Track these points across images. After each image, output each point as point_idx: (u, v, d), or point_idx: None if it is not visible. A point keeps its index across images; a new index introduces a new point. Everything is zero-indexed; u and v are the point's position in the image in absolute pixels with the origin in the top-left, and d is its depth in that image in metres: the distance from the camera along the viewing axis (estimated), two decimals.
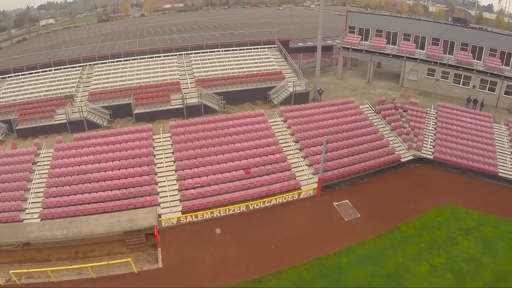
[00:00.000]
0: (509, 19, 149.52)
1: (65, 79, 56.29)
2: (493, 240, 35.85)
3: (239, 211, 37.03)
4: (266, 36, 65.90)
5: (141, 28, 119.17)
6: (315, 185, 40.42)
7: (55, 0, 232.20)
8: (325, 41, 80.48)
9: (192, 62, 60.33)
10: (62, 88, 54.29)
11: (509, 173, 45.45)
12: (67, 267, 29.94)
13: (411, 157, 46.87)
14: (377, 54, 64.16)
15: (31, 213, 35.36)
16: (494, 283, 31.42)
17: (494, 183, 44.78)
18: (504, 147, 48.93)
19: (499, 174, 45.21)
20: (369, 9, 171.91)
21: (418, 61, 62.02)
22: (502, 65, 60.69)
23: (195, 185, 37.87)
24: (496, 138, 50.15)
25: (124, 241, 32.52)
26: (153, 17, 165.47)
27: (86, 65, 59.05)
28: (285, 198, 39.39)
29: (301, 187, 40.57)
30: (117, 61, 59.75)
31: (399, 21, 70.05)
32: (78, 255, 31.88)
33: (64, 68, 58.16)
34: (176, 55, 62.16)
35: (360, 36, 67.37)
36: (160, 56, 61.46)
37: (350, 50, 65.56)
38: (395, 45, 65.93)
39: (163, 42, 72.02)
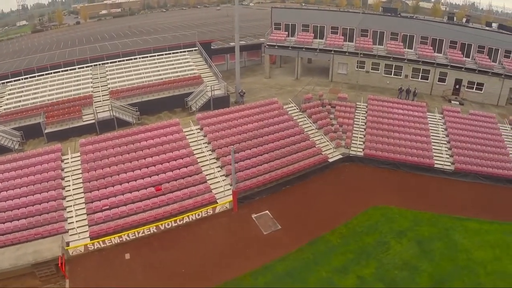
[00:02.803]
0: (445, 7, 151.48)
1: None
2: (429, 241, 33.12)
3: (149, 232, 33.82)
4: (199, 38, 61.67)
5: (74, 37, 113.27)
6: (231, 198, 36.44)
7: None
8: (258, 39, 77.67)
9: (107, 73, 55.33)
10: None
11: (446, 164, 43.13)
12: None
13: (340, 156, 43.84)
14: (303, 49, 60.70)
15: None
16: None
17: (430, 176, 42.62)
18: (439, 137, 46.69)
19: (435, 166, 42.65)
20: (303, 4, 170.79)
21: (347, 54, 58.99)
22: (434, 52, 59.03)
23: (103, 208, 34.56)
24: (430, 128, 47.96)
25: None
26: (88, 24, 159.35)
27: None
28: (198, 215, 35.65)
29: (217, 201, 37.01)
30: (30, 77, 53.96)
31: (326, 14, 67.75)
32: None
33: None
34: (91, 66, 56.78)
35: (286, 32, 64.16)
36: (74, 69, 55.93)
37: (276, 47, 61.93)
38: (323, 39, 62.74)
39: (93, 50, 66.73)
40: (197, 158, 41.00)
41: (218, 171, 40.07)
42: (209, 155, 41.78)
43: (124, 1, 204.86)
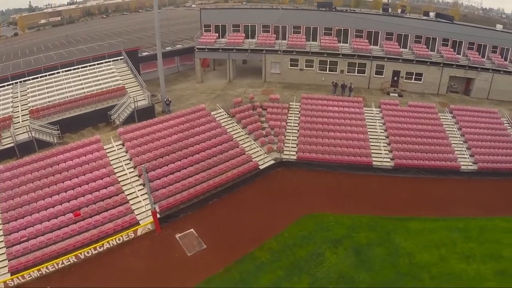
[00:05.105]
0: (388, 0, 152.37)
1: None
2: (368, 248, 31.38)
3: (69, 262, 31.06)
4: (138, 44, 58.19)
5: (10, 50, 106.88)
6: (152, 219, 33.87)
7: None
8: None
9: (28, 91, 51.00)
10: None
11: (385, 160, 41.40)
12: None
13: (272, 162, 41.60)
14: (234, 51, 58.07)
15: None
16: None
17: (369, 175, 41.10)
18: (377, 133, 45.17)
19: (374, 164, 40.82)
20: (244, 3, 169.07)
21: (279, 52, 56.67)
22: (370, 45, 57.92)
23: (21, 239, 31.91)
24: (368, 123, 46.40)
25: None
26: (26, 35, 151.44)
27: None
28: (119, 239, 32.89)
29: (140, 222, 34.27)
30: None
31: (256, 12, 65.37)
32: None
33: None
34: (12, 84, 52.29)
35: (217, 34, 61.40)
36: None
37: (206, 50, 59.07)
38: (255, 38, 60.50)
39: (27, 64, 61.83)
40: (118, 177, 38.08)
41: (139, 190, 37.14)
42: (130, 172, 38.79)
43: (64, 9, 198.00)
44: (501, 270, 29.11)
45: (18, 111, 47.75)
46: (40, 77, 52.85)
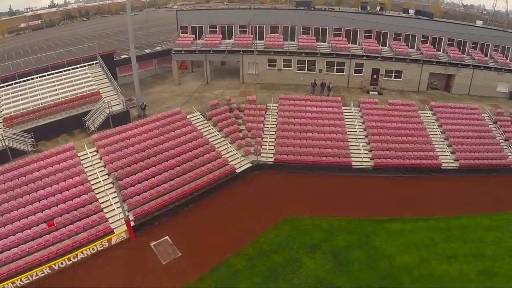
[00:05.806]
0: None
1: None
2: (347, 251, 30.73)
3: (43, 274, 30.12)
4: (116, 46, 57.31)
5: None
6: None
7: None
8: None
9: (1, 98, 49.62)
10: None
11: (364, 160, 40.94)
12: None
13: (249, 165, 40.88)
14: (211, 52, 57.16)
15: None
16: None
17: (348, 176, 40.45)
18: (355, 132, 44.44)
19: (353, 165, 40.31)
20: (225, 3, 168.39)
21: (256, 53, 55.78)
22: (349, 43, 57.37)
23: None
24: (346, 123, 45.76)
25: None
26: (6, 40, 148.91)
27: None
28: (93, 249, 31.94)
29: (114, 230, 33.35)
30: None
31: (232, 13, 64.46)
32: None
33: None
34: None
35: (194, 36, 60.45)
36: None
37: (183, 52, 58.07)
38: (232, 39, 59.76)
39: (5, 70, 60.33)
40: (92, 185, 37.10)
41: (113, 198, 36.11)
42: (104, 180, 37.74)
43: (45, 12, 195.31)
44: (485, 270, 28.71)
45: None
46: (14, 83, 51.51)
